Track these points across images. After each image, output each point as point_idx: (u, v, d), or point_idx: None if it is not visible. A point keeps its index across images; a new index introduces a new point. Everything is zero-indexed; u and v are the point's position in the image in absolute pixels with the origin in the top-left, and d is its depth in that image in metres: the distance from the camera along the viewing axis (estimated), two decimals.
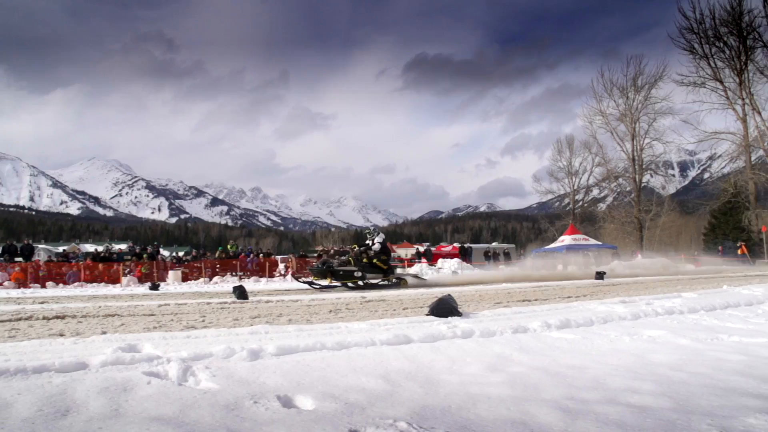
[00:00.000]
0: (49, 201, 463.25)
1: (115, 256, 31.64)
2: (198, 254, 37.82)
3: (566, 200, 60.58)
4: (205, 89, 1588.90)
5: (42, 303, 12.82)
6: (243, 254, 33.11)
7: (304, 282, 19.31)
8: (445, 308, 8.25)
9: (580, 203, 57.70)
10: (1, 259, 26.38)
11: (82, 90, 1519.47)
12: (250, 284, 22.98)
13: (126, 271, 27.38)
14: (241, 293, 13.42)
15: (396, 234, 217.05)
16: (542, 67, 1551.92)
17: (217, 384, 4.02)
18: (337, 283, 18.18)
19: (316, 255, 37.96)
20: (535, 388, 4.11)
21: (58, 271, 26.59)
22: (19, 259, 27.16)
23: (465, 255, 39.01)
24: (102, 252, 33.12)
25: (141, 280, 26.46)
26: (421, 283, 20.03)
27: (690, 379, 4.45)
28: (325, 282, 18.16)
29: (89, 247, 52.84)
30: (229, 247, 35.52)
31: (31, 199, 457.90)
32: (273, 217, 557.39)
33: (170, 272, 28.00)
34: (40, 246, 52.87)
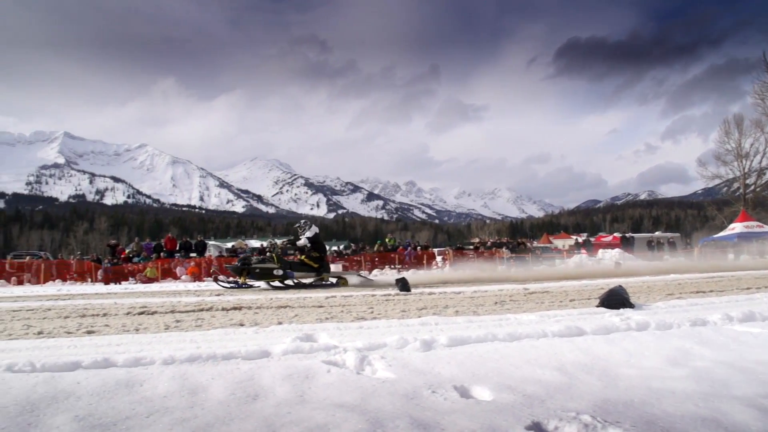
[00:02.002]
0: (216, 200, 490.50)
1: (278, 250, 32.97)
2: (357, 248, 38.62)
3: (735, 185, 56.25)
4: (358, 87, 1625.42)
5: (218, 295, 13.57)
6: (401, 247, 33.49)
7: (223, 283, 17.05)
8: (616, 300, 7.99)
9: (752, 187, 53.54)
10: (179, 255, 28.15)
11: (243, 94, 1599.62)
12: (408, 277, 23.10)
13: None
14: (403, 285, 13.55)
15: (552, 225, 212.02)
16: (704, 43, 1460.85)
17: (394, 373, 4.09)
18: (254, 283, 16.79)
19: (472, 247, 37.77)
20: (724, 384, 3.87)
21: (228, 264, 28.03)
22: (194, 254, 28.86)
23: (627, 245, 37.52)
24: (267, 247, 34.65)
25: None
26: (367, 283, 17.53)
27: None
28: (240, 280, 16.76)
29: (254, 243, 55.28)
30: (387, 240, 36.04)
31: (201, 198, 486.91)
32: (428, 211, 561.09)
33: (331, 266, 28.78)
34: (210, 242, 55.93)
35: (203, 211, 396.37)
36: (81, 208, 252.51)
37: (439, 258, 31.56)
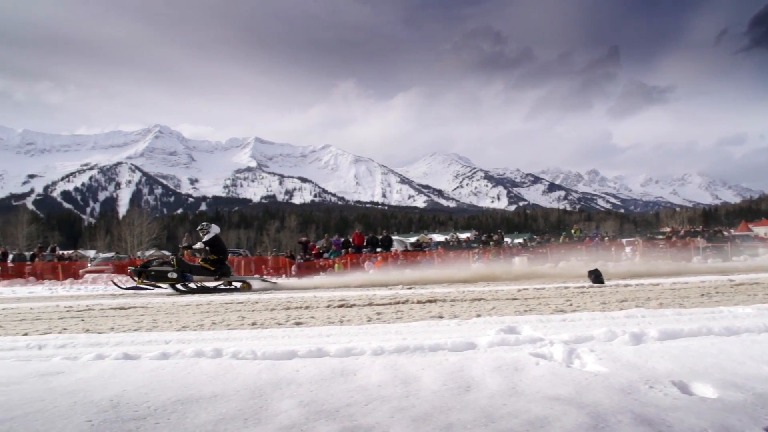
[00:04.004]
0: (398, 196, 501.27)
1: (463, 244, 33.18)
2: (542, 240, 37.97)
3: None
4: (535, 76, 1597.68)
5: (409, 288, 13.82)
6: (588, 238, 32.55)
7: (121, 285, 17.29)
8: None
9: None
10: (366, 250, 29.02)
11: (420, 92, 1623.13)
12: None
13: (475, 258, 28.47)
14: (597, 277, 13.14)
15: (751, 211, 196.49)
16: None
17: (605, 367, 3.95)
18: (147, 287, 16.42)
19: (663, 237, 35.98)
20: None
21: (413, 259, 28.53)
22: (380, 249, 29.63)
23: None
24: (450, 240, 34.96)
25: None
26: (270, 287, 17.00)
27: None
28: (137, 282, 16.47)
29: (437, 237, 55.87)
30: (573, 231, 35.16)
31: (384, 195, 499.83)
32: (612, 200, 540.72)
33: (516, 258, 28.49)
34: (395, 237, 57.14)
35: (386, 207, 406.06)
36: (272, 207, 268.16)
37: (627, 249, 30.32)
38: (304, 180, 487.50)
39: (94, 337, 6.48)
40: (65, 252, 45.22)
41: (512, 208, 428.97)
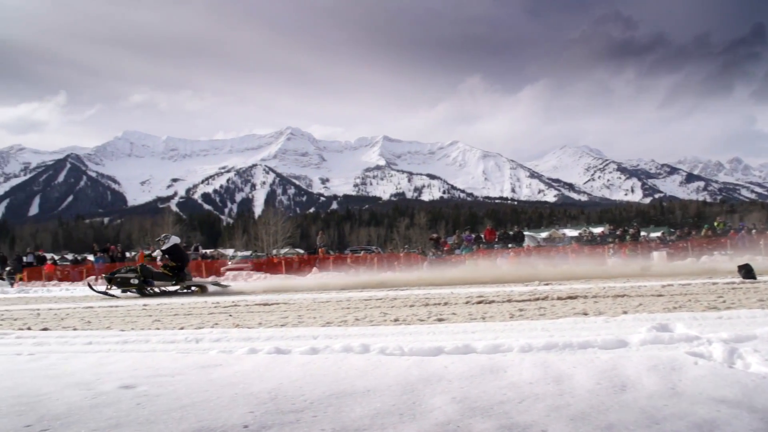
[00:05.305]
0: (527, 191, 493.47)
1: (598, 238, 32.34)
2: (682, 233, 36.36)
3: None
4: (669, 61, 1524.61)
5: (547, 284, 13.62)
6: (733, 231, 30.89)
7: (96, 289, 18.68)
8: None
9: None
10: (498, 245, 28.84)
11: (547, 84, 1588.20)
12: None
13: (610, 253, 27.66)
14: (747, 272, 12.45)
15: None
16: None
17: None
18: (114, 293, 17.40)
19: None
20: None
21: (546, 255, 28.09)
22: (512, 245, 29.38)
23: None
24: (584, 235, 34.15)
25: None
26: (222, 291, 17.91)
27: None
28: (106, 288, 17.74)
29: (569, 232, 54.75)
30: (715, 224, 33.48)
31: (513, 190, 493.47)
32: (758, 189, 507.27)
33: (654, 253, 27.42)
34: (525, 233, 56.65)
35: (515, 203, 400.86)
36: (402, 205, 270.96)
37: None
38: (432, 177, 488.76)
39: (245, 332, 6.81)
40: (207, 251, 47.53)
41: (647, 200, 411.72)
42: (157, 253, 18.62)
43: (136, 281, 17.48)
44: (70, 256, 55.83)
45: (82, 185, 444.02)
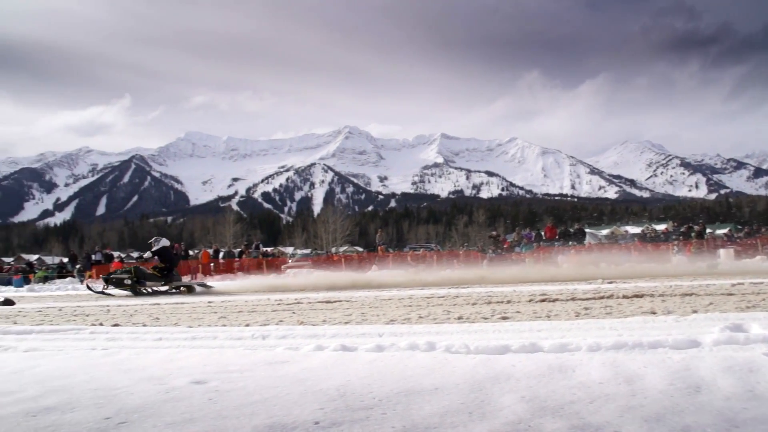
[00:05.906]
0: (588, 187, 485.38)
1: (661, 236, 31.66)
2: (751, 231, 35.32)
3: None
4: (735, 52, 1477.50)
5: (611, 283, 13.40)
6: None
7: (94, 288, 19.55)
8: None
9: None
10: (558, 243, 28.46)
11: (608, 78, 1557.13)
12: None
13: (675, 251, 27.04)
14: None
15: None
16: None
17: None
18: (110, 292, 18.17)
19: None
20: None
21: (608, 252, 27.57)
22: (573, 242, 28.94)
23: None
24: (647, 232, 33.46)
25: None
26: (206, 291, 18.43)
27: None
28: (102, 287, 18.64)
29: (631, 229, 53.65)
30: None
31: (573, 186, 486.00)
32: None
33: (721, 251, 26.72)
34: (586, 230, 55.73)
35: (575, 199, 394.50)
36: (460, 202, 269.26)
37: None
38: (490, 174, 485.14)
39: (311, 329, 6.89)
40: (267, 249, 48.22)
41: (712, 196, 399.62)
42: (147, 254, 20.31)
43: (129, 282, 18.36)
44: (135, 254, 57.23)
45: (146, 185, 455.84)
